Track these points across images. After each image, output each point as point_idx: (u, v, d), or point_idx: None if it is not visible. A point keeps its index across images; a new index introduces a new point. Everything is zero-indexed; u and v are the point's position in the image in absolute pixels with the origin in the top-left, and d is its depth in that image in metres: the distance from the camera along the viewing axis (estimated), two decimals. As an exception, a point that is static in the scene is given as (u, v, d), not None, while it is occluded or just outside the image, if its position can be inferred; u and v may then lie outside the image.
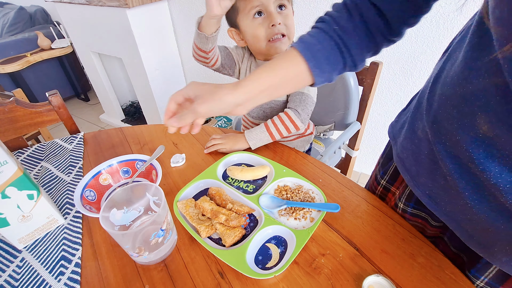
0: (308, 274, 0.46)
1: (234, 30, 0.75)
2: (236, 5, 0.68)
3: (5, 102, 0.80)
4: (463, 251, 0.46)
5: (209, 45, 0.70)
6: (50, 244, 0.54)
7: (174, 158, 0.72)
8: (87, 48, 2.00)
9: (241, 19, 0.70)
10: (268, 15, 0.67)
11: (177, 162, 0.71)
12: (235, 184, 0.64)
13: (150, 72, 1.78)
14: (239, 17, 0.70)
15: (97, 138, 0.84)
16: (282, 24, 0.68)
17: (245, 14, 0.68)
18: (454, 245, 0.47)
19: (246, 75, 0.80)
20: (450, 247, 0.48)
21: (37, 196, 0.52)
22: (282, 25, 0.68)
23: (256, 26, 0.69)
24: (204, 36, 0.68)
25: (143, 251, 0.45)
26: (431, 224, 0.49)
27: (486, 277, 0.41)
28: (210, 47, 0.71)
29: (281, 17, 0.68)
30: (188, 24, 1.76)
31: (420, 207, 0.49)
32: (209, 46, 0.71)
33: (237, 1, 0.67)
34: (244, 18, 0.69)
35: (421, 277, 0.44)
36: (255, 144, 0.73)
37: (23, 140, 0.87)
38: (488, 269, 0.41)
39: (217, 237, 0.53)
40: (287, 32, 0.70)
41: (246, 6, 0.67)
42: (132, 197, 0.51)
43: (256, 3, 0.66)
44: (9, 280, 0.48)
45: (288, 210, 0.56)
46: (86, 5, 1.68)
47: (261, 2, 0.66)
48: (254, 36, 0.70)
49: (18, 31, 2.60)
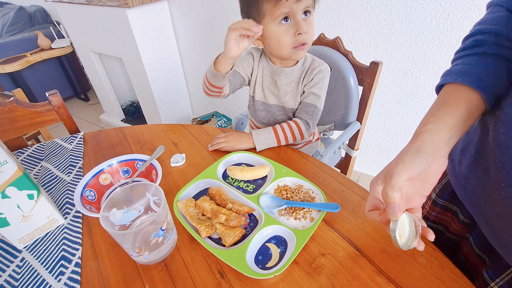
0: (308, 274, 0.46)
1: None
2: (263, 8, 0.65)
3: (5, 102, 0.80)
4: (487, 252, 0.45)
5: (224, 81, 0.71)
6: (50, 244, 0.54)
7: (174, 158, 0.72)
8: (87, 48, 2.00)
9: (267, 23, 0.67)
10: (295, 23, 0.65)
11: (177, 162, 0.71)
12: (235, 184, 0.64)
13: (150, 72, 1.78)
14: (265, 20, 0.67)
15: (97, 138, 0.84)
16: (306, 33, 0.67)
17: (272, 19, 0.65)
18: (479, 245, 0.46)
19: (259, 80, 0.82)
20: (474, 248, 0.47)
21: (37, 196, 0.52)
22: (306, 34, 0.67)
23: (282, 33, 0.67)
24: (221, 75, 0.69)
25: (143, 251, 0.45)
26: (459, 220, 0.50)
27: (502, 280, 0.41)
28: (224, 83, 0.72)
29: (306, 24, 0.66)
30: (188, 24, 1.76)
31: (453, 200, 0.50)
32: (224, 82, 0.71)
33: (264, 4, 0.64)
34: (270, 23, 0.66)
35: (421, 277, 0.44)
36: (261, 147, 0.73)
37: (23, 140, 0.87)
38: (505, 271, 0.40)
39: (217, 237, 0.53)
40: (308, 40, 0.69)
41: (275, 11, 0.64)
42: (132, 197, 0.51)
43: (286, 10, 0.63)
44: (9, 280, 0.48)
45: (288, 210, 0.56)
46: (86, 5, 1.68)
47: (290, 8, 0.63)
48: (279, 42, 0.69)
49: (18, 31, 2.60)
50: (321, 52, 0.98)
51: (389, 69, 1.27)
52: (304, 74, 0.78)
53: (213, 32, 1.68)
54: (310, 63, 0.79)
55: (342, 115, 1.04)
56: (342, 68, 0.95)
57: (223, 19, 1.59)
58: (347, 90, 0.97)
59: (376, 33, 1.22)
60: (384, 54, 1.24)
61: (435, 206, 0.54)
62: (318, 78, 0.77)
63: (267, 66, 0.81)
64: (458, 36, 1.05)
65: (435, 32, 1.09)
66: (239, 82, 0.82)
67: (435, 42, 1.11)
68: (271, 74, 0.81)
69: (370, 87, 0.96)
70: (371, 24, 1.21)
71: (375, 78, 0.93)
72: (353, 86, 0.96)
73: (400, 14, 1.12)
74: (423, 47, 1.14)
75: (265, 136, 0.73)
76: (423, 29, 1.11)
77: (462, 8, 1.00)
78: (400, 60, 1.22)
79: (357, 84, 0.97)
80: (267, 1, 0.63)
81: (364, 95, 1.00)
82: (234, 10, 1.52)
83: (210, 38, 1.72)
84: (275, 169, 0.65)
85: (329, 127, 1.10)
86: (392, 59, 1.24)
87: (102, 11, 1.63)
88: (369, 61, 0.92)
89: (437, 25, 1.07)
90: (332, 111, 1.04)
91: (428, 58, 1.16)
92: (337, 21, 1.28)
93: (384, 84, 1.32)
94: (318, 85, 0.77)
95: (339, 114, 1.05)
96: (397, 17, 1.13)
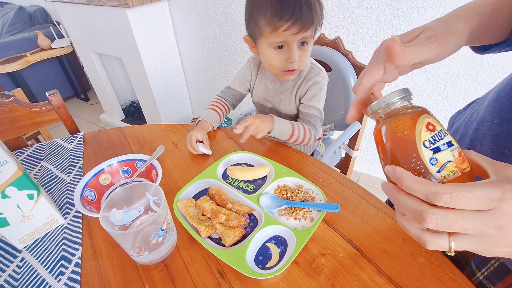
0: (308, 274, 0.46)
1: (251, 41, 0.74)
2: (261, 27, 0.65)
3: (5, 102, 0.80)
4: None
5: (220, 120, 0.85)
6: (50, 244, 0.54)
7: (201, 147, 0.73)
8: (87, 48, 2.00)
9: (261, 43, 0.68)
10: (288, 50, 0.66)
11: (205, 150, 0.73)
12: (235, 184, 0.64)
13: (150, 72, 1.78)
14: (260, 40, 0.68)
15: (97, 138, 0.84)
16: (297, 61, 0.67)
17: (267, 41, 0.66)
18: None
19: (257, 86, 0.86)
20: None
21: (37, 196, 0.52)
22: (298, 61, 0.67)
23: (273, 56, 0.68)
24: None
25: (143, 251, 0.45)
26: None
27: (487, 270, 0.41)
28: (222, 119, 0.85)
29: (299, 52, 0.67)
30: (188, 24, 1.76)
31: None
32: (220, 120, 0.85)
33: (263, 26, 0.64)
34: (264, 44, 0.67)
35: (421, 277, 0.44)
36: (275, 133, 0.71)
37: (23, 140, 0.87)
38: (490, 261, 0.41)
39: (217, 237, 0.53)
40: (299, 67, 0.69)
41: (271, 37, 0.64)
42: (132, 197, 0.51)
43: (281, 39, 0.64)
44: (9, 280, 0.48)
45: (288, 210, 0.56)
46: (86, 4, 1.68)
47: (286, 38, 0.64)
48: (269, 63, 0.70)
49: (18, 30, 2.59)
50: (321, 52, 0.98)
51: (389, 69, 1.27)
52: (299, 83, 0.78)
53: (213, 32, 1.68)
54: (307, 72, 0.78)
55: (342, 115, 1.04)
56: (342, 68, 0.95)
57: (223, 19, 1.59)
58: (347, 90, 0.97)
59: (376, 33, 1.22)
60: (384, 54, 1.24)
61: None
62: (315, 90, 0.77)
63: (265, 72, 0.82)
64: (458, 36, 1.05)
65: (435, 32, 1.09)
66: (240, 97, 0.91)
67: (435, 42, 1.11)
68: (267, 81, 0.83)
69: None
70: (371, 24, 1.21)
71: (375, 78, 0.93)
72: (353, 86, 0.96)
73: (400, 14, 1.12)
74: (423, 47, 1.14)
75: (284, 125, 0.72)
76: (423, 29, 1.10)
77: (462, 8, 1.00)
78: (400, 60, 1.22)
79: (357, 84, 0.97)
80: (265, 25, 0.63)
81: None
82: (234, 10, 1.52)
83: (210, 38, 1.72)
84: (275, 169, 0.65)
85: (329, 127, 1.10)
86: (392, 59, 1.24)
87: (102, 11, 1.63)
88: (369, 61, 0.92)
89: (437, 25, 1.07)
90: (332, 111, 1.04)
91: (428, 58, 1.16)
92: (337, 21, 1.28)
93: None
94: (316, 98, 0.77)
95: (339, 114, 1.05)
96: (397, 17, 1.13)
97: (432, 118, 0.28)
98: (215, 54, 1.77)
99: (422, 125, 0.27)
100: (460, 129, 0.50)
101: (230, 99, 0.89)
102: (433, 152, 0.27)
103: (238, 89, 0.88)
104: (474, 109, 0.49)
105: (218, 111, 0.85)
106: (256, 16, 0.65)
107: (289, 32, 0.62)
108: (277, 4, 0.60)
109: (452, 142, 0.28)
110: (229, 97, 0.89)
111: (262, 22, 0.64)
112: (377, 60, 0.34)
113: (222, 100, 0.88)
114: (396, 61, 0.31)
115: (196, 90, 2.09)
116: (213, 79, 1.91)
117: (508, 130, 0.38)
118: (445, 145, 0.27)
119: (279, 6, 0.60)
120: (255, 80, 0.85)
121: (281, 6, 0.60)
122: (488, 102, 0.44)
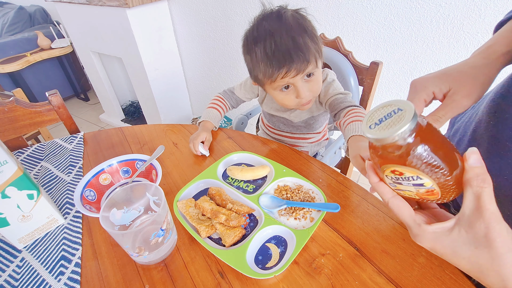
0: (308, 274, 0.46)
1: (260, 86, 0.74)
2: (260, 78, 0.65)
3: (5, 102, 0.80)
4: None
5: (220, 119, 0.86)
6: (50, 244, 0.54)
7: (201, 147, 0.72)
8: (87, 47, 2.00)
9: (267, 88, 0.69)
10: (295, 88, 0.65)
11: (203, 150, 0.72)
12: (235, 184, 0.64)
13: (150, 72, 1.78)
14: (266, 87, 0.68)
15: (97, 138, 0.84)
16: (309, 92, 0.66)
17: (271, 88, 0.67)
18: None
19: (269, 103, 0.86)
20: None
21: (37, 196, 0.52)
22: (309, 92, 0.66)
23: (282, 97, 0.68)
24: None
25: (143, 251, 0.45)
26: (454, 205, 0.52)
27: None
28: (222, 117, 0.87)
29: (308, 85, 0.65)
30: (188, 24, 1.76)
31: None
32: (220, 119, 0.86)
33: (261, 77, 0.64)
34: (270, 88, 0.68)
35: (421, 277, 0.44)
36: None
37: (23, 140, 0.87)
38: None
39: (217, 237, 0.53)
40: (313, 97, 0.69)
41: (272, 84, 0.65)
42: (132, 197, 0.51)
43: (283, 83, 0.64)
44: (9, 280, 0.48)
45: (288, 210, 0.56)
46: (86, 4, 1.68)
47: (287, 82, 0.63)
48: (282, 103, 0.70)
49: (17, 30, 2.59)
50: (321, 52, 0.98)
51: (389, 69, 1.27)
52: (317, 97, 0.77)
53: (213, 32, 1.68)
54: None
55: (342, 115, 1.04)
56: (342, 68, 0.95)
57: (223, 19, 1.59)
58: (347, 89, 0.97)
59: (376, 33, 1.22)
60: (384, 54, 1.24)
61: None
62: (331, 88, 0.75)
63: None
64: (458, 36, 1.05)
65: (435, 32, 1.09)
66: (242, 102, 0.92)
67: (435, 42, 1.11)
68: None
69: (370, 87, 0.96)
70: (371, 24, 1.21)
71: (375, 78, 0.93)
72: (353, 86, 0.96)
73: (400, 14, 1.12)
74: (423, 47, 1.14)
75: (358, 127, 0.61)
76: (423, 29, 1.11)
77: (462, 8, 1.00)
78: (400, 60, 1.22)
79: (357, 84, 0.97)
80: (263, 77, 0.64)
81: (364, 95, 1.00)
82: (234, 10, 1.52)
83: (210, 38, 1.72)
84: (275, 169, 0.65)
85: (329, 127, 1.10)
86: (392, 59, 1.24)
87: (102, 11, 1.63)
88: (369, 61, 0.92)
89: (437, 25, 1.07)
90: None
91: (428, 58, 1.16)
92: (337, 21, 1.28)
93: (384, 84, 1.32)
94: (335, 89, 0.75)
95: (339, 114, 1.04)
96: (397, 17, 1.13)
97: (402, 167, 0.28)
98: (215, 54, 1.77)
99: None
100: (459, 130, 0.50)
101: (231, 101, 0.91)
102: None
103: (242, 97, 0.90)
104: (474, 110, 0.49)
105: (220, 110, 0.86)
106: (253, 70, 0.66)
107: (287, 77, 0.61)
108: (266, 59, 0.60)
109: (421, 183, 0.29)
110: (231, 100, 0.91)
111: (260, 75, 0.64)
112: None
113: (224, 100, 0.89)
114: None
115: (196, 90, 2.09)
116: (213, 79, 1.90)
117: (504, 131, 0.38)
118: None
119: (269, 60, 0.60)
120: (265, 95, 0.85)
121: (272, 58, 0.60)
122: (486, 103, 0.44)
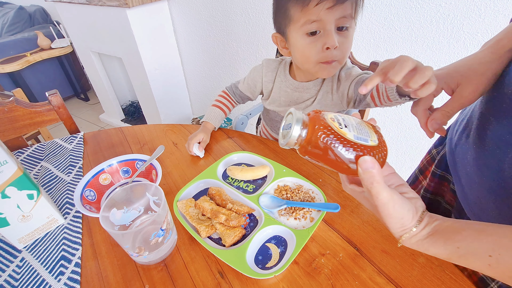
0: (308, 274, 0.46)
1: (280, 37, 0.65)
2: (289, 13, 0.56)
3: (5, 102, 0.80)
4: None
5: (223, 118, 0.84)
6: (50, 244, 0.54)
7: (195, 147, 0.72)
8: (87, 47, 2.00)
9: (292, 30, 0.59)
10: (324, 34, 0.55)
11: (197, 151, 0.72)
12: (235, 184, 0.64)
13: (150, 72, 1.78)
14: (290, 27, 0.59)
15: (97, 138, 0.84)
16: (338, 49, 0.56)
17: (297, 27, 0.57)
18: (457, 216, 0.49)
19: (275, 95, 0.77)
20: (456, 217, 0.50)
21: (37, 196, 0.52)
22: (338, 49, 0.57)
23: (307, 45, 0.58)
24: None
25: (143, 251, 0.45)
26: (450, 189, 0.52)
27: (497, 283, 0.41)
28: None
29: (339, 38, 0.56)
30: (188, 24, 1.76)
31: (448, 170, 0.52)
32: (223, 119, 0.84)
33: (290, 9, 0.56)
34: (295, 31, 0.58)
35: (421, 277, 0.44)
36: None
37: (23, 140, 0.87)
38: None
39: (217, 237, 0.53)
40: (340, 58, 0.59)
41: (300, 18, 0.55)
42: (132, 197, 0.51)
43: (313, 17, 0.53)
44: (9, 280, 0.48)
45: (288, 210, 0.56)
46: (86, 4, 1.68)
47: (319, 16, 0.53)
48: (302, 55, 0.60)
49: (17, 30, 2.59)
50: (321, 52, 0.97)
51: (389, 69, 1.27)
52: (333, 86, 0.68)
53: (213, 32, 1.68)
54: (339, 71, 0.68)
55: (342, 115, 1.04)
56: (342, 68, 0.95)
57: (223, 19, 1.59)
58: (347, 90, 0.97)
59: (376, 33, 1.22)
60: (384, 54, 1.24)
61: (434, 177, 0.56)
62: (353, 69, 0.68)
63: (284, 79, 0.74)
64: (458, 36, 1.05)
65: (435, 32, 1.09)
66: (247, 99, 0.87)
67: (435, 42, 1.11)
68: (288, 89, 0.74)
69: (370, 87, 0.96)
70: (371, 24, 1.21)
71: (375, 78, 0.93)
72: (353, 86, 0.96)
73: (400, 14, 1.12)
74: (423, 47, 1.14)
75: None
76: (423, 29, 1.11)
77: (462, 8, 1.00)
78: (400, 60, 1.22)
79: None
80: (293, 5, 0.55)
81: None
82: (234, 10, 1.52)
83: (210, 38, 1.72)
84: (275, 169, 0.65)
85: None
86: (392, 59, 1.24)
87: (102, 11, 1.63)
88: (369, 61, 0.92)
89: (437, 25, 1.07)
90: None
91: (428, 58, 1.16)
92: (337, 21, 1.28)
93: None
94: (355, 69, 0.68)
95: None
96: (397, 17, 1.13)
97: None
98: (215, 54, 1.77)
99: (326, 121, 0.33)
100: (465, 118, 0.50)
101: (236, 97, 0.86)
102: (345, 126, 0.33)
103: (245, 92, 0.84)
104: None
105: (224, 108, 0.83)
106: (282, 1, 0.58)
107: (322, 6, 0.51)
108: None
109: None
110: (236, 96, 0.86)
111: (290, 3, 0.55)
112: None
113: (229, 97, 0.85)
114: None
115: (196, 90, 2.09)
116: (213, 79, 1.90)
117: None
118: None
119: None
120: (272, 87, 0.76)
121: None
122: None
